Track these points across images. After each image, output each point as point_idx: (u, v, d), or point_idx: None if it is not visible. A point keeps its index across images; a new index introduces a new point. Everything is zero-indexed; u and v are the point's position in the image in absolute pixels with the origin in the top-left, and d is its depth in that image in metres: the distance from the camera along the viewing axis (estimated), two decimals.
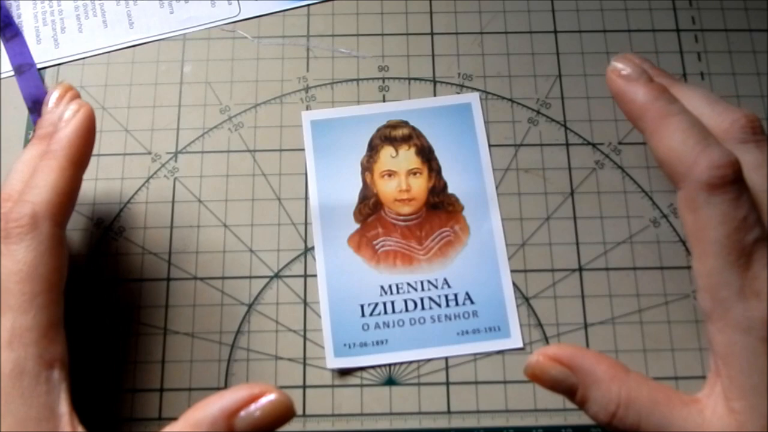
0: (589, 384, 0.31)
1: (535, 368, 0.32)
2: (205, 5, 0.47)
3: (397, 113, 0.44)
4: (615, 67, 0.34)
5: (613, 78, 0.34)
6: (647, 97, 0.33)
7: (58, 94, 0.37)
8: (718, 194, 0.30)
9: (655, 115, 0.32)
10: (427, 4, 0.47)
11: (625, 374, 0.31)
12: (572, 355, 0.32)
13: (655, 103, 0.32)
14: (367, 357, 0.39)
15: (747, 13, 0.46)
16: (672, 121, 0.32)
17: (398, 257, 0.41)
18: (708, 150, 0.30)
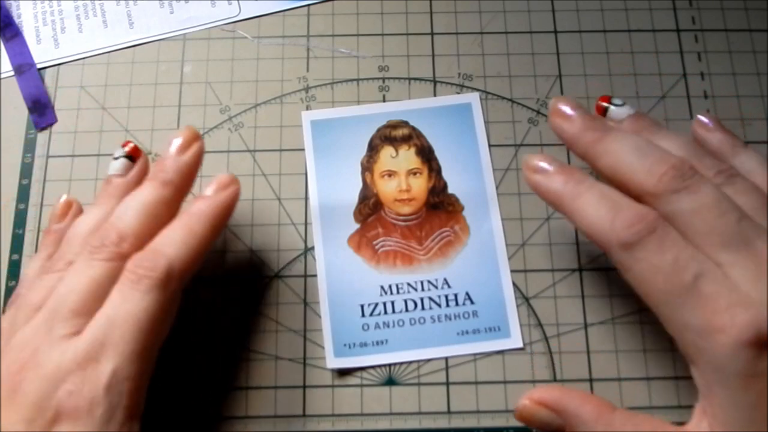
0: (575, 425, 0.32)
1: (523, 412, 0.33)
2: (205, 5, 0.47)
3: (397, 113, 0.44)
4: (529, 164, 0.36)
5: (528, 174, 0.36)
6: (559, 184, 0.34)
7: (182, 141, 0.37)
8: (640, 248, 0.31)
9: (569, 198, 0.34)
10: (427, 4, 0.47)
11: (610, 413, 0.32)
12: (557, 398, 0.33)
13: (566, 187, 0.34)
14: (368, 357, 0.39)
15: (747, 13, 0.46)
16: (583, 199, 0.33)
17: (398, 257, 0.41)
18: (619, 214, 0.32)
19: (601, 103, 0.38)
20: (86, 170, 0.43)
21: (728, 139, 0.38)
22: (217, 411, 0.38)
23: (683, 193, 0.32)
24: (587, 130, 0.35)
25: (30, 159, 0.43)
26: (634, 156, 0.33)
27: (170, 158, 0.37)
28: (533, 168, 0.35)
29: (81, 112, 0.44)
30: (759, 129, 0.43)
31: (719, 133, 0.38)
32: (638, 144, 0.34)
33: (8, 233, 0.42)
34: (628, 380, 0.39)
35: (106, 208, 0.36)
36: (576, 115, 0.36)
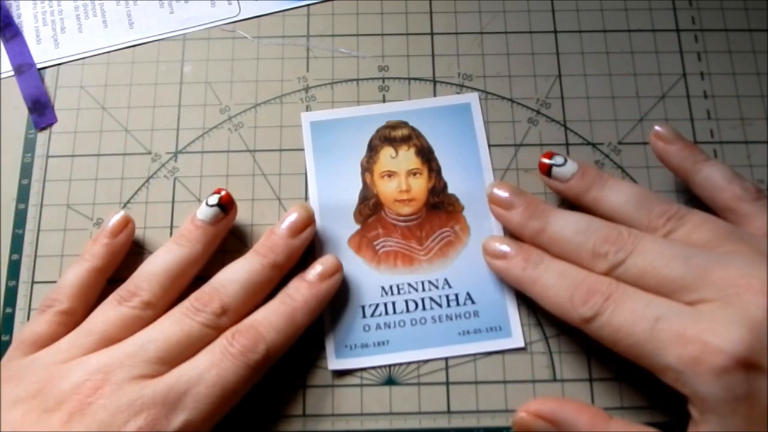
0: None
1: (521, 425, 0.34)
2: (205, 5, 0.47)
3: (397, 113, 0.44)
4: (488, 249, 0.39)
5: (490, 261, 0.39)
6: (518, 269, 0.37)
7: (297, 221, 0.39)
8: (599, 318, 0.33)
9: (528, 283, 0.37)
10: (427, 4, 0.47)
11: (605, 422, 0.33)
12: (553, 409, 0.34)
13: (525, 273, 0.37)
14: (369, 358, 0.39)
15: (747, 13, 0.46)
16: (541, 282, 0.36)
17: (399, 258, 0.41)
18: (575, 293, 0.34)
19: (544, 161, 0.40)
20: (86, 170, 0.43)
21: (689, 155, 0.39)
22: None
23: (628, 260, 0.34)
24: (529, 220, 0.38)
25: (30, 159, 0.43)
26: (577, 240, 0.36)
27: (283, 238, 0.38)
28: (493, 254, 0.39)
29: (81, 112, 0.44)
30: (759, 129, 0.43)
31: (678, 146, 0.39)
32: (578, 226, 0.36)
33: (8, 233, 0.42)
34: (627, 380, 0.39)
35: (188, 251, 0.38)
36: (515, 200, 0.38)
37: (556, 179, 0.39)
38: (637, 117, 0.44)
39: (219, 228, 0.39)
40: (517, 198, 0.38)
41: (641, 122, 0.43)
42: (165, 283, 0.37)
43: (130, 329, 0.35)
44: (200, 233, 0.38)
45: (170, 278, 0.37)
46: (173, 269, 0.37)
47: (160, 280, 0.37)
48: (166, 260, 0.37)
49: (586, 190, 0.38)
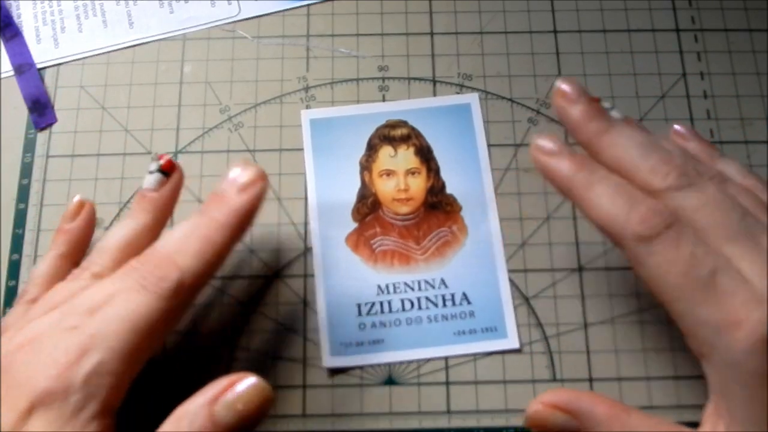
0: (590, 426, 0.32)
1: (535, 418, 0.32)
2: (205, 5, 0.47)
3: (397, 113, 0.44)
4: (537, 145, 0.35)
5: (537, 155, 0.35)
6: (570, 170, 0.33)
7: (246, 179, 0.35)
8: (656, 242, 0.30)
9: (580, 186, 0.33)
10: (427, 4, 0.47)
11: (626, 414, 0.32)
12: (569, 399, 0.32)
13: (578, 174, 0.33)
14: (364, 356, 0.39)
15: (747, 13, 0.46)
16: (596, 189, 0.32)
17: (396, 257, 0.41)
18: (635, 207, 0.31)
19: None
20: (86, 170, 0.43)
21: (705, 149, 0.38)
22: None
23: (688, 190, 0.32)
24: (592, 119, 0.34)
25: (30, 159, 0.43)
26: (639, 152, 0.33)
27: (228, 197, 0.34)
28: (542, 149, 0.35)
29: (81, 112, 0.44)
30: (759, 129, 0.43)
31: (696, 143, 0.38)
32: (643, 140, 0.33)
33: (8, 233, 0.42)
34: (628, 380, 0.39)
35: (139, 222, 0.36)
36: (581, 98, 0.35)
37: None
38: (637, 117, 0.44)
39: (164, 193, 0.37)
40: (584, 96, 0.35)
41: (641, 122, 0.43)
42: (116, 255, 0.35)
43: None
44: (147, 202, 0.37)
45: (121, 250, 0.35)
46: (124, 241, 0.36)
47: (112, 253, 0.35)
48: (117, 234, 0.36)
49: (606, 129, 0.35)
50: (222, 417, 0.29)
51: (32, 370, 0.30)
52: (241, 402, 0.30)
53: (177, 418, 0.30)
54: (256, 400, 0.30)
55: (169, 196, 0.37)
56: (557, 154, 0.34)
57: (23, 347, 0.31)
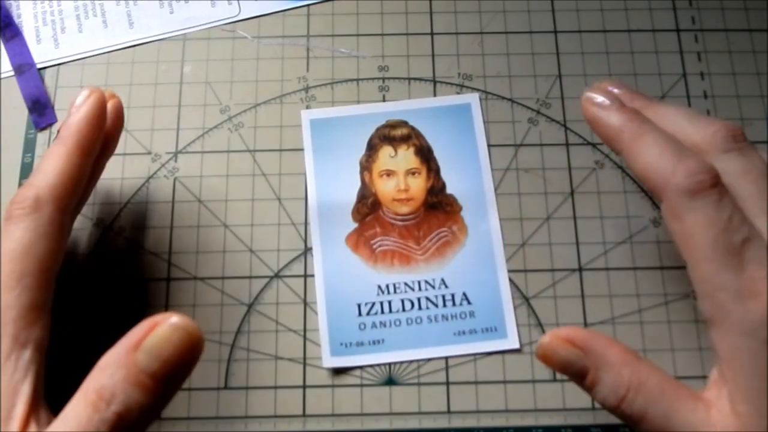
0: (601, 366, 0.31)
1: (547, 348, 0.32)
2: (205, 5, 0.47)
3: (397, 113, 0.44)
4: (589, 97, 0.35)
5: (587, 106, 0.35)
6: (621, 119, 0.34)
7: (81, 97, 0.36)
8: (699, 198, 0.30)
9: (630, 134, 0.33)
10: (427, 4, 0.47)
11: (637, 360, 0.31)
12: (584, 337, 0.32)
13: (628, 123, 0.33)
14: (364, 356, 0.39)
15: (747, 13, 0.46)
16: (646, 138, 0.32)
17: (396, 257, 0.41)
18: (684, 160, 0.31)
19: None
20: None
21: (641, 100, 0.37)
22: (216, 410, 0.38)
23: (734, 153, 0.32)
24: (634, 100, 0.35)
25: (30, 159, 0.43)
26: (686, 118, 0.34)
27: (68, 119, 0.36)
28: (593, 102, 0.35)
29: None
30: (759, 129, 0.43)
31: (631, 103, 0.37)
32: (688, 111, 0.34)
33: None
34: None
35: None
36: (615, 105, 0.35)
37: None
38: None
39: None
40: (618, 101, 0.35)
41: None
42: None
43: None
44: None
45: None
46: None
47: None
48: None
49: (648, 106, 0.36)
50: (146, 365, 0.28)
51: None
52: (163, 346, 0.28)
53: (100, 370, 0.29)
54: (181, 343, 0.28)
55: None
56: (608, 106, 0.34)
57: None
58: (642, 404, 0.30)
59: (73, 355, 0.39)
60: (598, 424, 0.38)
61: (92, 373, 0.29)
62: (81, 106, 0.36)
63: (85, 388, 0.28)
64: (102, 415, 0.27)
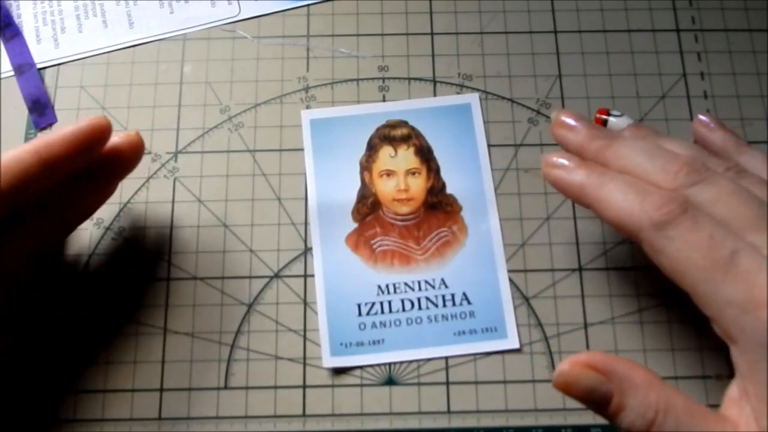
0: (626, 390, 0.30)
1: (568, 377, 0.31)
2: (205, 5, 0.47)
3: (397, 113, 0.44)
4: (548, 160, 0.36)
5: (548, 170, 0.36)
6: (581, 176, 0.34)
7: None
8: (673, 228, 0.31)
9: (592, 188, 0.34)
10: (427, 4, 0.47)
11: (662, 383, 0.31)
12: (606, 361, 0.31)
13: (588, 178, 0.34)
14: (364, 356, 0.39)
15: (747, 13, 0.46)
16: (608, 187, 0.33)
17: (396, 257, 0.41)
18: (648, 197, 0.31)
19: (600, 116, 0.40)
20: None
21: (731, 138, 0.38)
22: (216, 410, 0.38)
23: (701, 185, 0.32)
24: (594, 139, 0.35)
25: None
26: (645, 157, 0.33)
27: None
28: (553, 164, 0.36)
29: (81, 112, 0.44)
30: (759, 129, 0.43)
31: (721, 132, 0.38)
32: (647, 147, 0.34)
33: None
34: None
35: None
36: (580, 125, 0.36)
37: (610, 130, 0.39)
38: (638, 117, 0.44)
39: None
40: (582, 120, 0.37)
41: (641, 122, 0.43)
42: None
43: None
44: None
45: None
46: None
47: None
48: None
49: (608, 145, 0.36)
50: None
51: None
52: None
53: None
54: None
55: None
56: (565, 166, 0.35)
57: None
58: (672, 426, 0.30)
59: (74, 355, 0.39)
60: (598, 424, 0.38)
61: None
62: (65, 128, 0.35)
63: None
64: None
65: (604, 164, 0.35)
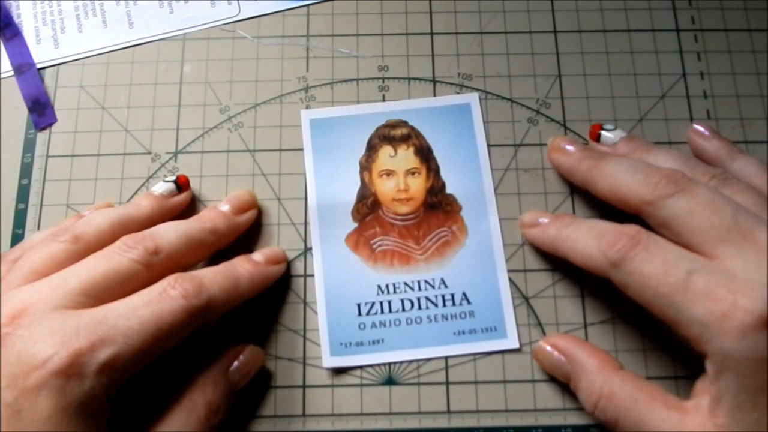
0: (579, 373, 0.36)
1: (539, 352, 0.38)
2: (205, 5, 0.47)
3: (397, 113, 0.44)
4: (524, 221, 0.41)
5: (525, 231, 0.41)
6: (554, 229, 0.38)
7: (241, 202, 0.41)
8: (629, 263, 0.33)
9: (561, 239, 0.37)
10: (427, 4, 0.47)
11: (614, 370, 0.35)
12: (569, 345, 0.37)
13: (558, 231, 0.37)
14: (363, 356, 0.39)
15: (747, 12, 0.46)
16: (573, 236, 0.36)
17: (395, 257, 0.41)
18: (603, 238, 0.34)
19: (594, 130, 0.42)
20: (86, 170, 0.43)
21: (725, 146, 0.40)
22: None
23: (677, 195, 0.33)
24: (584, 159, 0.39)
25: (30, 159, 0.43)
26: (629, 173, 0.35)
27: (224, 215, 0.39)
28: (529, 224, 0.40)
29: (81, 112, 0.44)
30: (759, 129, 0.43)
31: (716, 141, 0.40)
32: (632, 163, 0.36)
33: (8, 233, 0.42)
34: None
35: (136, 211, 0.38)
36: (573, 148, 0.40)
37: (604, 144, 0.41)
38: (637, 117, 0.44)
39: (169, 202, 0.40)
40: (575, 144, 0.41)
41: (641, 122, 0.43)
42: (103, 226, 0.36)
43: (60, 264, 0.34)
44: (150, 200, 0.39)
45: (112, 225, 0.36)
46: (117, 219, 0.36)
47: (99, 223, 0.36)
48: (109, 212, 0.37)
49: (631, 153, 0.39)
50: (234, 380, 0.36)
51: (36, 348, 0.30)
52: (246, 368, 0.37)
53: (202, 386, 0.35)
54: (255, 361, 0.38)
55: (174, 207, 0.40)
56: (541, 225, 0.39)
57: (15, 320, 0.31)
58: (613, 412, 0.34)
59: None
60: (599, 424, 0.38)
61: (192, 392, 0.35)
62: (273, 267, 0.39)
63: (190, 404, 0.34)
64: (212, 422, 0.34)
65: (593, 183, 0.37)
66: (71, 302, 0.32)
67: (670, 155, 0.38)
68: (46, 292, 0.32)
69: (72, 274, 0.33)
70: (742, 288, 0.30)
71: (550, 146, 0.42)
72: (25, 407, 0.29)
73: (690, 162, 0.38)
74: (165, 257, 0.35)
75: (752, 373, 0.29)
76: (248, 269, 0.37)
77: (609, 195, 0.36)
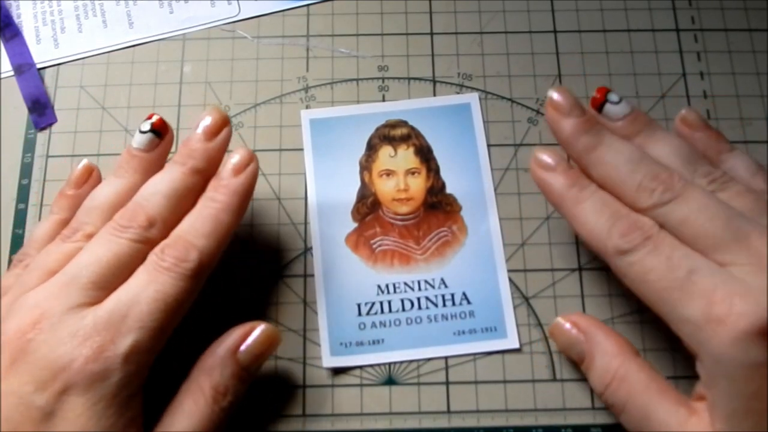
0: (596, 353, 0.35)
1: (556, 329, 0.38)
2: (205, 5, 0.47)
3: (397, 113, 0.44)
4: (536, 158, 0.37)
5: (534, 168, 0.37)
6: (563, 185, 0.36)
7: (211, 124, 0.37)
8: (633, 254, 0.32)
9: (570, 202, 0.35)
10: (427, 4, 0.47)
11: (632, 355, 0.34)
12: (589, 325, 0.36)
13: (570, 191, 0.35)
14: (364, 356, 0.39)
15: (747, 12, 0.46)
16: (584, 204, 0.35)
17: (395, 257, 0.41)
18: (617, 223, 0.33)
19: (597, 96, 0.37)
20: None
21: (713, 140, 0.38)
22: None
23: (672, 203, 0.33)
24: (583, 134, 0.36)
25: (30, 159, 0.43)
26: (627, 168, 0.34)
27: (200, 142, 0.37)
28: (540, 164, 0.37)
29: (81, 112, 0.44)
30: (759, 129, 0.43)
31: (702, 134, 0.38)
32: (631, 156, 0.35)
33: (8, 233, 0.42)
34: None
35: (127, 181, 0.37)
36: (573, 113, 0.36)
37: (606, 117, 0.37)
38: None
39: (156, 155, 0.38)
40: (577, 109, 0.36)
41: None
42: (106, 214, 0.36)
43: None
44: (137, 162, 0.37)
45: (111, 209, 0.36)
46: (113, 200, 0.36)
47: (101, 212, 0.36)
48: (105, 192, 0.36)
49: (634, 134, 0.37)
50: (245, 362, 0.35)
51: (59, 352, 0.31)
52: (257, 347, 0.35)
53: (209, 369, 0.34)
54: (269, 342, 0.36)
55: (161, 158, 0.38)
56: (553, 169, 0.36)
57: (36, 325, 0.31)
58: (623, 395, 0.33)
59: None
60: (598, 424, 0.38)
61: (199, 375, 0.34)
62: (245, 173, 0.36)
63: (197, 388, 0.34)
64: (221, 405, 0.34)
65: (587, 167, 0.36)
66: (84, 298, 0.32)
67: (672, 149, 0.36)
68: (59, 291, 0.32)
69: (79, 268, 0.33)
70: (741, 292, 0.30)
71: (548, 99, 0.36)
72: (57, 408, 0.30)
73: (692, 158, 0.36)
74: (161, 226, 0.35)
75: (745, 380, 0.29)
76: (223, 194, 0.36)
77: (603, 184, 0.35)
